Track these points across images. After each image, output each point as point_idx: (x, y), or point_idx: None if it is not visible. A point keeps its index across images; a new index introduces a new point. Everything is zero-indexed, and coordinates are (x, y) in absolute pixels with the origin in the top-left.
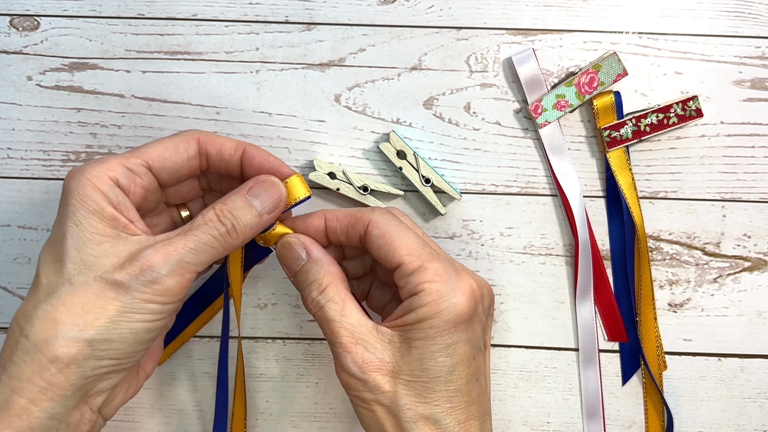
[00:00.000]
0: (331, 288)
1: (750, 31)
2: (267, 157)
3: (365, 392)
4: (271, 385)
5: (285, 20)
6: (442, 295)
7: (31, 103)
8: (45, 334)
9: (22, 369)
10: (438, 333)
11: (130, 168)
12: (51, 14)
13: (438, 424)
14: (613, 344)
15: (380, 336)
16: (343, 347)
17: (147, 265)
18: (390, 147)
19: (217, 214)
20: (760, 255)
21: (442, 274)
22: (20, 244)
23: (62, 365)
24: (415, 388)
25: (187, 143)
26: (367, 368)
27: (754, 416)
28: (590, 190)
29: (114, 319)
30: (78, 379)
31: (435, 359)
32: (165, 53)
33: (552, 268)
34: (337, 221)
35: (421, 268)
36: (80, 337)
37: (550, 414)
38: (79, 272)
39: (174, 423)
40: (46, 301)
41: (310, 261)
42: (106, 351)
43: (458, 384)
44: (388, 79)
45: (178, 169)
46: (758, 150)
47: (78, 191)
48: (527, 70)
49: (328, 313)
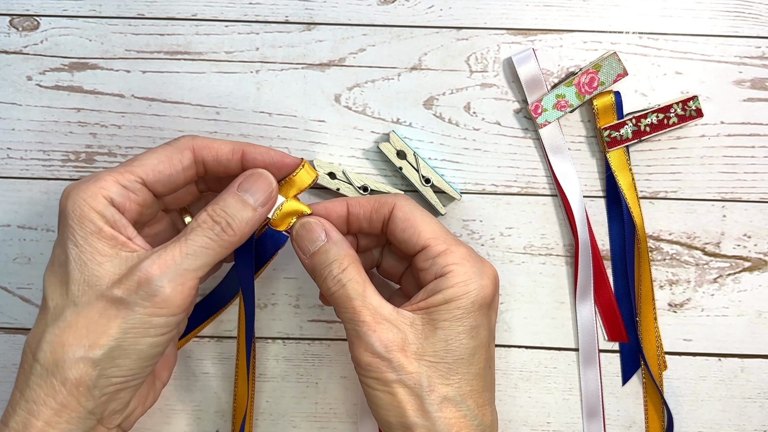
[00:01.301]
0: (352, 268)
1: (750, 31)
2: (268, 153)
3: (388, 372)
4: (271, 385)
5: (285, 20)
6: (470, 276)
7: (31, 103)
8: (54, 358)
9: (37, 392)
10: (464, 314)
11: (125, 185)
12: (51, 14)
13: (459, 406)
14: (613, 344)
15: (401, 318)
16: (367, 326)
17: (144, 278)
18: (390, 147)
19: (210, 215)
20: (760, 255)
21: (468, 258)
22: (20, 244)
23: (72, 387)
24: (439, 369)
25: (182, 153)
26: (392, 347)
27: (754, 416)
28: (590, 190)
29: (117, 336)
30: (89, 401)
31: (460, 340)
32: (165, 53)
33: (552, 268)
34: (360, 207)
35: (448, 251)
36: (87, 357)
37: (550, 414)
38: (82, 293)
39: (174, 423)
40: (54, 324)
41: (330, 242)
42: (113, 369)
43: (478, 368)
44: (388, 79)
45: (173, 180)
46: (758, 150)
47: (75, 213)
48: (527, 70)
49: (350, 291)
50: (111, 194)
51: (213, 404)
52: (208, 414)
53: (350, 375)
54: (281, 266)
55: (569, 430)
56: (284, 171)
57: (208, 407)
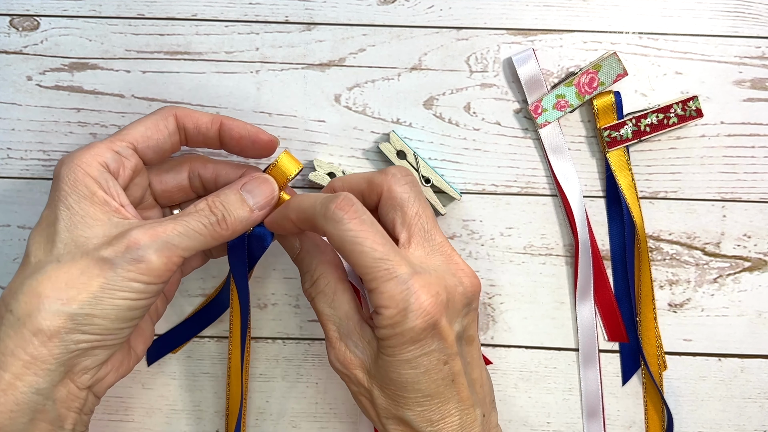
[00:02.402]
0: (322, 279)
1: (750, 31)
2: (244, 127)
3: (350, 384)
4: (271, 385)
5: (285, 20)
6: (396, 321)
7: (31, 103)
8: (29, 308)
9: (6, 343)
10: (398, 351)
11: (118, 151)
12: (51, 14)
13: (409, 425)
14: (613, 344)
15: (363, 334)
16: (329, 342)
17: (133, 243)
18: (390, 147)
19: (209, 205)
20: (760, 255)
21: (396, 296)
22: (20, 244)
23: (45, 338)
24: (386, 392)
25: (166, 120)
26: (349, 365)
27: (754, 416)
28: (590, 190)
29: (97, 294)
30: (61, 352)
31: (398, 372)
32: (165, 53)
33: (552, 268)
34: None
35: (377, 291)
36: (63, 310)
37: (550, 414)
38: (67, 251)
39: (174, 423)
40: (32, 276)
41: (302, 251)
42: (89, 326)
43: (428, 390)
44: (388, 79)
45: (161, 146)
46: (758, 150)
47: (69, 177)
48: (527, 70)
49: (318, 305)
50: (106, 160)
51: (213, 404)
52: (208, 414)
53: None
54: (281, 266)
55: (569, 430)
56: (258, 146)
57: (208, 407)
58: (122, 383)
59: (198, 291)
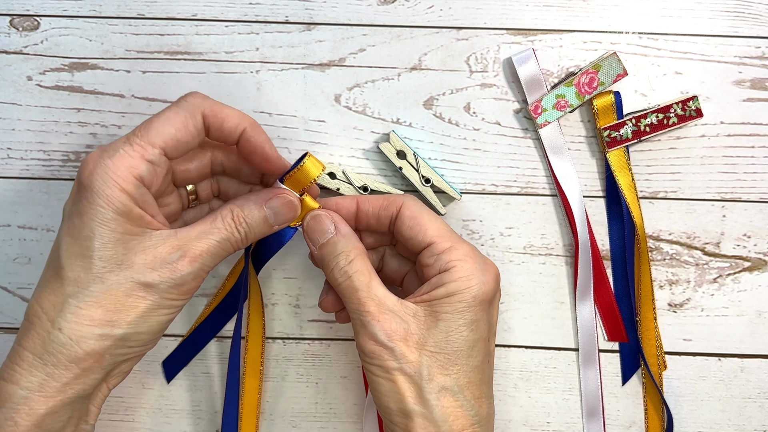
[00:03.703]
0: (359, 260)
1: (750, 31)
2: (263, 144)
3: (390, 360)
4: (271, 385)
5: (285, 20)
6: (472, 272)
7: (31, 103)
8: (81, 331)
9: (59, 358)
10: (465, 308)
11: (151, 160)
12: (51, 14)
13: (456, 396)
14: (613, 344)
15: (405, 309)
16: (371, 315)
17: (177, 270)
18: (390, 147)
19: (235, 221)
20: (760, 255)
21: (471, 255)
22: (20, 244)
23: (97, 357)
24: (439, 359)
25: (195, 118)
26: (395, 336)
27: (754, 416)
28: (590, 190)
29: (143, 315)
30: (109, 364)
31: (460, 332)
32: (165, 53)
33: (552, 268)
34: (370, 204)
35: (452, 248)
36: (112, 333)
37: (550, 414)
38: (109, 270)
39: (174, 423)
40: (77, 297)
41: (338, 234)
42: (131, 342)
43: (476, 361)
44: (388, 79)
45: (189, 146)
46: (758, 150)
47: (104, 192)
48: (527, 70)
49: (356, 282)
50: (141, 173)
51: (213, 404)
52: (208, 414)
53: (350, 375)
54: (281, 266)
55: (569, 430)
56: (265, 168)
57: (208, 407)
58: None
59: (198, 291)
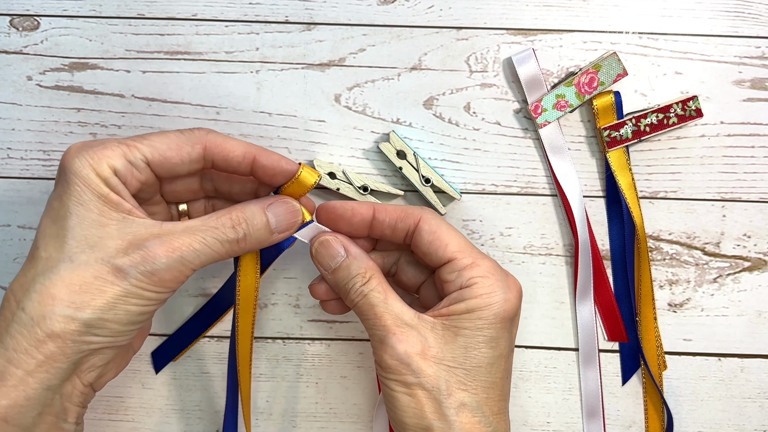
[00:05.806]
0: (374, 279)
1: (750, 31)
2: (278, 162)
3: (408, 375)
4: (271, 385)
5: (285, 20)
6: (494, 290)
7: (31, 103)
8: (42, 309)
9: (19, 341)
10: (486, 325)
11: (131, 160)
12: (51, 14)
13: (475, 412)
14: (613, 344)
15: (422, 323)
16: (388, 330)
17: (150, 256)
18: (390, 147)
19: (233, 220)
20: (760, 255)
21: (493, 271)
22: (20, 244)
23: (59, 340)
24: (457, 374)
25: (192, 146)
26: (412, 351)
27: (754, 416)
28: (590, 190)
29: (110, 301)
30: (73, 352)
31: (479, 349)
32: (165, 53)
33: (552, 268)
34: (386, 213)
35: (474, 264)
36: (76, 315)
37: (550, 414)
38: (80, 251)
39: (174, 423)
40: (44, 275)
41: (350, 257)
42: (100, 329)
43: (495, 377)
44: (388, 79)
45: (177, 170)
46: (758, 150)
47: (81, 173)
48: (527, 70)
49: (372, 299)
50: (116, 165)
51: (213, 404)
52: (208, 414)
53: (350, 375)
54: (281, 266)
55: (569, 430)
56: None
57: (208, 407)
58: (122, 383)
59: (198, 291)
